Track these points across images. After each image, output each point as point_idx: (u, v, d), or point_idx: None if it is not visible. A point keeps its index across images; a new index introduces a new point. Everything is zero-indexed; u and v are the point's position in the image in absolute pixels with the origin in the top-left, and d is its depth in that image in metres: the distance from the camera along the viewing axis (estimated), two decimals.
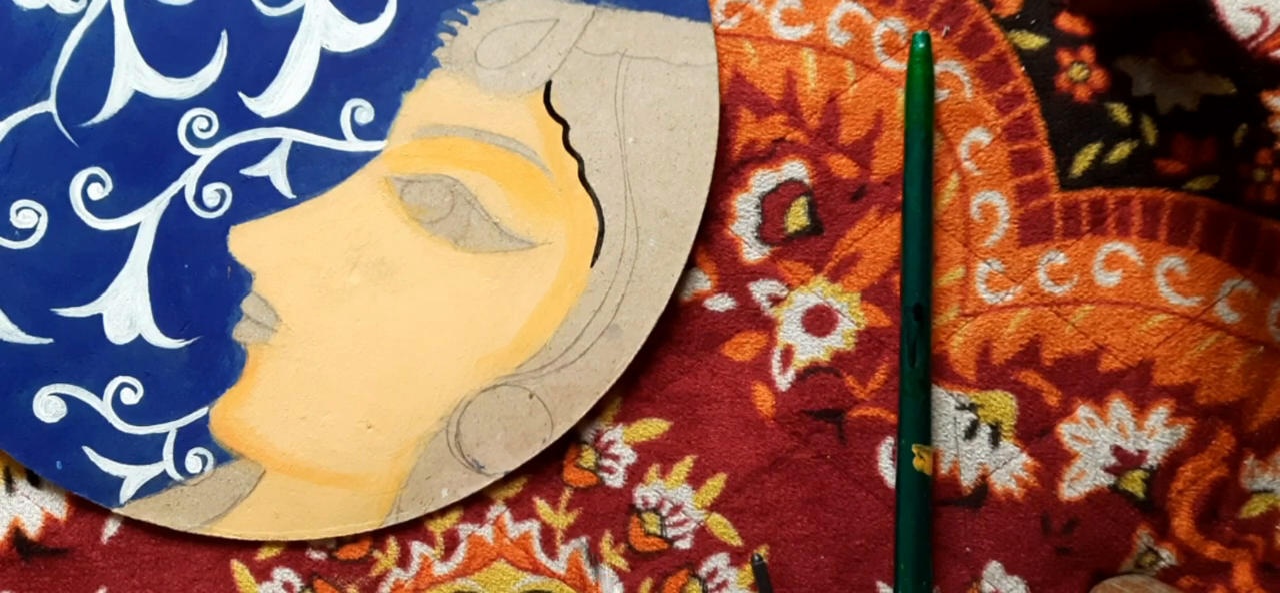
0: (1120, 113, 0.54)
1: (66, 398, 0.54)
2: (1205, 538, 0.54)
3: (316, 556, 0.55)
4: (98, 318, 0.54)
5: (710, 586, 0.55)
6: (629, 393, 0.55)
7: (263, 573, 0.55)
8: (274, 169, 0.54)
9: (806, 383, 0.55)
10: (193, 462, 0.54)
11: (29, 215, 0.54)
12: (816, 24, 0.55)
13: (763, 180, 0.55)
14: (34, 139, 0.54)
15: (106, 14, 0.54)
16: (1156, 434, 0.54)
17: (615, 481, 0.55)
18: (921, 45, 0.53)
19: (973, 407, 0.55)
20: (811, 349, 0.55)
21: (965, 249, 0.55)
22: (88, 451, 0.54)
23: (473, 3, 0.55)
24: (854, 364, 0.55)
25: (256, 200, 0.54)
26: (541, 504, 0.55)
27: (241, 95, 0.54)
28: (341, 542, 0.55)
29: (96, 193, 0.54)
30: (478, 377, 0.55)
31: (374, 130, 0.54)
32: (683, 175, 0.54)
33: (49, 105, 0.54)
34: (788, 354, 0.55)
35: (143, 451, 0.54)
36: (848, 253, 0.55)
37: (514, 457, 0.54)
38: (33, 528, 0.55)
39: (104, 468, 0.54)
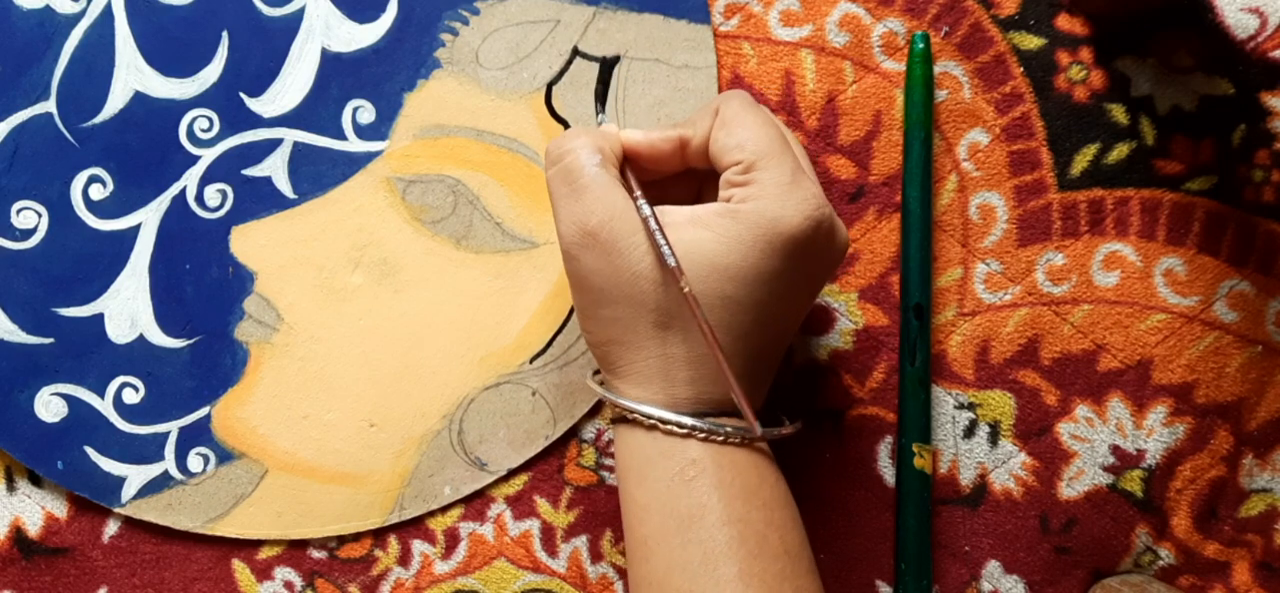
0: (1119, 113, 0.54)
1: (68, 398, 0.54)
2: (1204, 537, 0.54)
3: (318, 554, 0.55)
4: (99, 318, 0.54)
5: None
6: None
7: (263, 572, 0.55)
8: (275, 169, 0.55)
9: (805, 382, 0.55)
10: (194, 461, 0.54)
11: (30, 215, 0.54)
12: (815, 25, 0.55)
13: None
14: (34, 139, 0.54)
15: (107, 14, 0.54)
16: (1155, 434, 0.54)
17: (616, 480, 0.55)
18: (921, 45, 0.54)
19: (971, 406, 0.55)
20: (810, 348, 0.55)
21: (964, 249, 0.55)
22: (89, 450, 0.54)
23: (474, 3, 0.55)
24: (852, 363, 0.55)
25: (258, 200, 0.55)
26: (542, 503, 0.55)
27: (242, 95, 0.54)
28: (342, 541, 0.55)
29: (97, 193, 0.54)
30: (481, 375, 0.55)
31: (376, 130, 0.55)
32: None
33: (49, 105, 0.54)
34: (787, 353, 0.55)
35: (144, 450, 0.54)
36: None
37: (516, 454, 0.55)
38: (34, 527, 0.55)
39: (105, 468, 0.54)
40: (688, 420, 0.44)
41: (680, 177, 0.49)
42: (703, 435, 0.44)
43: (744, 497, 0.44)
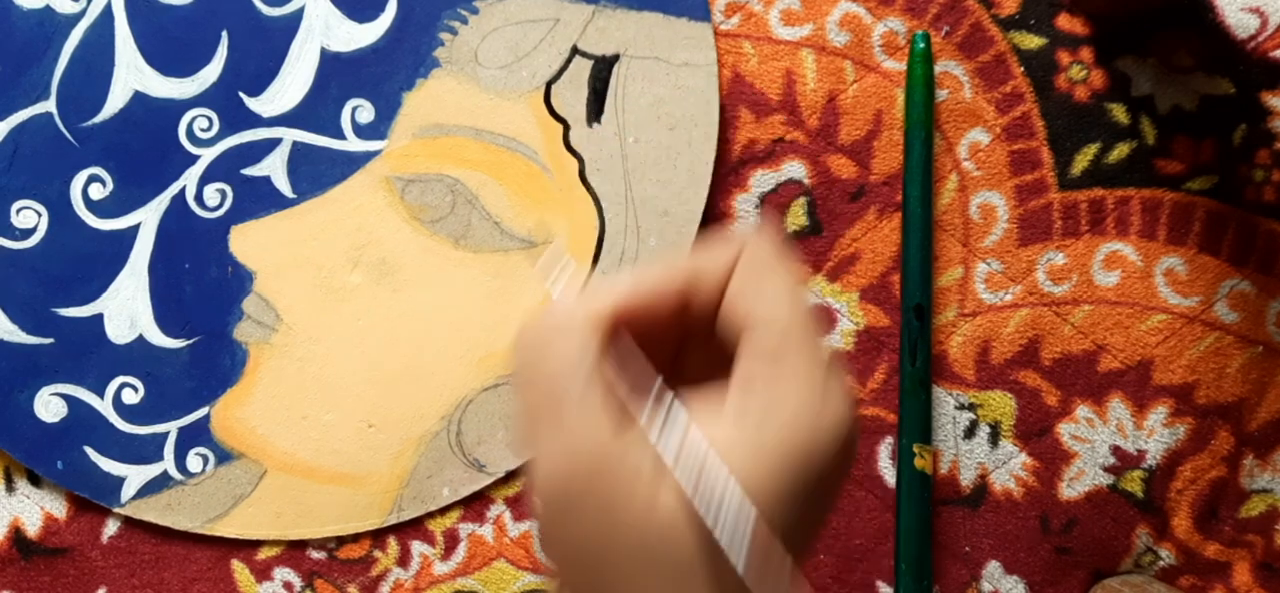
0: (1119, 113, 0.54)
1: (67, 398, 0.54)
2: (1204, 538, 0.54)
3: (317, 555, 0.55)
4: (98, 318, 0.54)
5: None
6: None
7: (263, 572, 0.55)
8: (275, 169, 0.54)
9: None
10: (194, 461, 0.54)
11: (29, 215, 0.54)
12: (816, 24, 0.55)
13: (762, 180, 0.55)
14: (34, 139, 0.54)
15: (107, 14, 0.54)
16: (1155, 434, 0.54)
17: None
18: (921, 45, 0.53)
19: (972, 406, 0.55)
20: None
21: (964, 249, 0.55)
22: (89, 450, 0.54)
23: (473, 2, 0.55)
24: (853, 363, 0.55)
25: (257, 200, 0.54)
26: None
27: (242, 95, 0.54)
28: (342, 541, 0.55)
29: (97, 193, 0.54)
30: (479, 375, 0.55)
31: (375, 130, 0.55)
32: (683, 175, 0.54)
33: (49, 105, 0.54)
34: None
35: (144, 450, 0.54)
36: (847, 253, 0.55)
37: (515, 455, 0.55)
38: (33, 528, 0.55)
39: (105, 468, 0.54)
40: None
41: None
42: None
43: None
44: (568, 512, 0.32)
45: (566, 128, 0.54)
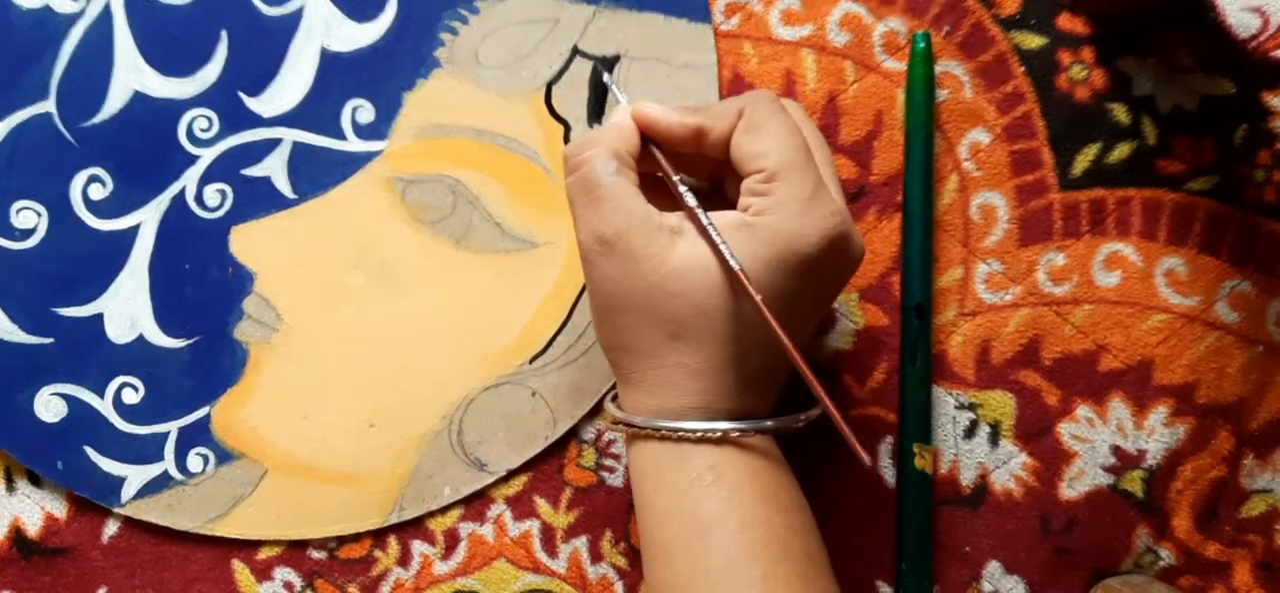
0: (1120, 113, 0.54)
1: (67, 398, 0.54)
2: (1204, 538, 0.54)
3: (317, 555, 0.55)
4: (99, 318, 0.54)
5: None
6: None
7: (263, 573, 0.55)
8: (275, 169, 0.54)
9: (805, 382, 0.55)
10: (194, 461, 0.54)
11: (29, 215, 0.54)
12: (816, 24, 0.55)
13: None
14: (34, 139, 0.54)
15: (106, 14, 0.54)
16: (1156, 434, 0.54)
17: (616, 480, 0.55)
18: (922, 45, 0.53)
19: (972, 407, 0.55)
20: (810, 348, 0.55)
21: (965, 249, 0.55)
22: (89, 450, 0.54)
23: (474, 3, 0.55)
24: (853, 363, 0.55)
25: (257, 200, 0.54)
26: (542, 503, 0.55)
27: (242, 95, 0.54)
28: (342, 541, 0.55)
29: (97, 193, 0.54)
30: (480, 375, 0.55)
31: (375, 130, 0.54)
32: None
33: (49, 105, 0.54)
34: None
35: (144, 450, 0.54)
36: None
37: (516, 455, 0.55)
38: (33, 528, 0.55)
39: (105, 468, 0.54)
40: (702, 424, 0.44)
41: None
42: (718, 436, 0.44)
43: (763, 501, 0.44)
44: (599, 262, 0.44)
45: (567, 128, 0.54)
